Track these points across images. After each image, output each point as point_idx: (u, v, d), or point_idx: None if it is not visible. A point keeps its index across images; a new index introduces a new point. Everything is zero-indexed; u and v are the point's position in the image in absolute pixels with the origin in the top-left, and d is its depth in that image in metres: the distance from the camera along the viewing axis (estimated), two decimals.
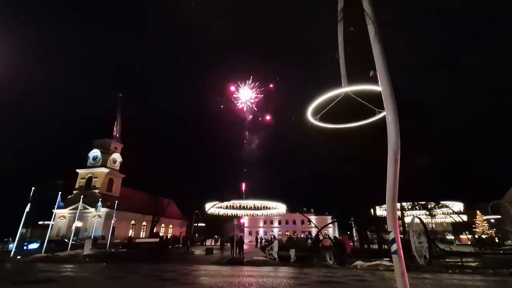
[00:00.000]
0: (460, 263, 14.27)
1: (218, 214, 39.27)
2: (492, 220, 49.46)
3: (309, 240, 35.76)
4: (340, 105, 7.07)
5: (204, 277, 10.86)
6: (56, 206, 23.64)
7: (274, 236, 24.36)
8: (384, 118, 4.77)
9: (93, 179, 48.22)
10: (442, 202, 32.58)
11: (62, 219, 44.38)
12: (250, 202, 33.57)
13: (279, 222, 76.34)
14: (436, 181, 26.62)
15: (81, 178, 48.83)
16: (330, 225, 66.67)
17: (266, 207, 35.84)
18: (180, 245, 34.29)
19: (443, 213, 37.24)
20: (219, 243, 28.28)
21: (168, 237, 46.96)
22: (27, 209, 20.67)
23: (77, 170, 49.30)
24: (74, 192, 46.95)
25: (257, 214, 44.66)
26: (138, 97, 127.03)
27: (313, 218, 66.07)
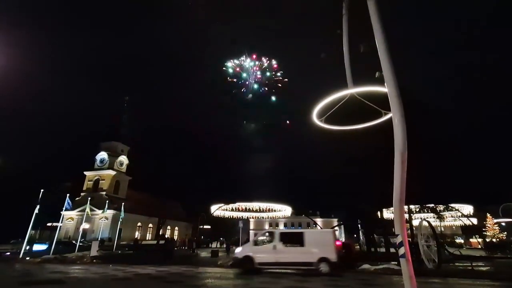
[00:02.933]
0: (470, 268, 13.96)
1: (224, 216, 39.28)
2: (503, 223, 48.37)
3: None
4: (346, 106, 7.04)
5: (210, 280, 10.85)
6: (64, 208, 23.99)
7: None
8: (390, 119, 4.73)
9: (100, 181, 48.81)
10: (451, 205, 31.98)
11: (70, 221, 44.99)
12: (256, 204, 33.48)
13: (285, 225, 76.01)
14: (445, 183, 26.16)
15: (89, 181, 49.48)
16: (336, 228, 66.09)
17: (272, 209, 35.71)
18: (186, 247, 34.40)
19: (452, 216, 36.54)
20: (224, 245, 28.30)
21: (175, 239, 47.18)
22: (36, 210, 21.03)
23: (85, 173, 50.00)
24: (82, 194, 47.58)
25: (263, 217, 44.54)
26: (145, 100, 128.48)
27: (319, 221, 65.60)
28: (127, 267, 15.39)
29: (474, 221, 37.06)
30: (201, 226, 49.97)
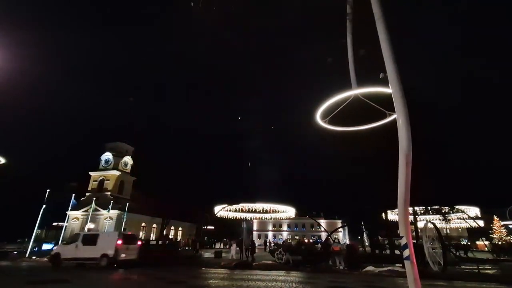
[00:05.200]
0: (477, 271, 13.78)
1: (227, 217, 39.29)
2: (511, 226, 47.62)
3: (318, 244, 35.29)
4: (350, 107, 7.01)
5: (213, 280, 10.88)
6: (69, 208, 24.28)
7: (232, 240, 24.18)
8: (395, 120, 4.70)
9: (105, 182, 49.20)
10: (456, 207, 31.60)
11: (75, 221, 45.39)
12: (259, 205, 33.41)
13: (288, 226, 75.82)
14: (450, 184, 25.87)
15: (94, 181, 49.91)
16: (340, 229, 65.73)
17: (275, 210, 35.61)
18: (190, 248, 34.48)
19: (458, 218, 36.07)
20: (228, 246, 28.37)
21: (178, 239, 47.30)
22: (42, 210, 21.31)
23: (90, 173, 50.46)
24: (87, 194, 48.00)
25: (266, 218, 44.43)
26: (150, 102, 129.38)
27: (322, 222, 65.29)
28: (131, 267, 15.51)
29: (481, 223, 36.57)
30: (205, 227, 50.07)
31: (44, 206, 21.37)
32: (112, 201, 43.18)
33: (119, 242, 14.78)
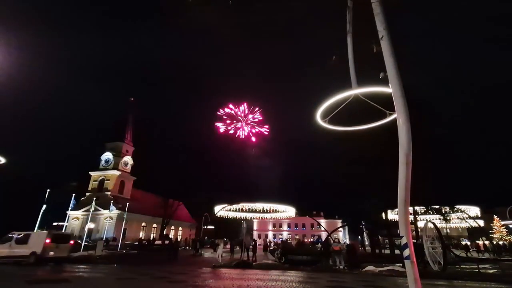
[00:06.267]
0: (477, 270, 13.78)
1: (227, 217, 39.34)
2: (511, 225, 47.63)
3: (319, 244, 35.33)
4: (350, 107, 6.99)
5: (213, 280, 10.88)
6: (69, 208, 24.28)
7: (219, 239, 24.41)
8: (395, 120, 4.70)
9: (105, 182, 49.19)
10: (457, 206, 31.61)
11: (75, 221, 45.41)
12: (259, 205, 33.44)
13: (288, 226, 75.80)
14: (451, 184, 25.88)
15: (94, 181, 49.91)
16: (340, 229, 65.71)
17: (275, 210, 35.64)
18: (190, 247, 34.51)
19: (458, 218, 36.08)
20: (228, 246, 28.35)
21: (178, 239, 47.24)
22: (43, 210, 21.30)
23: (90, 173, 50.45)
24: (87, 194, 48.00)
25: (266, 217, 44.46)
26: (150, 102, 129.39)
27: (323, 221, 65.24)
28: (131, 267, 15.52)
29: (481, 223, 36.55)
30: (205, 227, 50.05)
31: (44, 206, 21.37)
32: (112, 201, 43.19)
33: (47, 241, 16.01)
